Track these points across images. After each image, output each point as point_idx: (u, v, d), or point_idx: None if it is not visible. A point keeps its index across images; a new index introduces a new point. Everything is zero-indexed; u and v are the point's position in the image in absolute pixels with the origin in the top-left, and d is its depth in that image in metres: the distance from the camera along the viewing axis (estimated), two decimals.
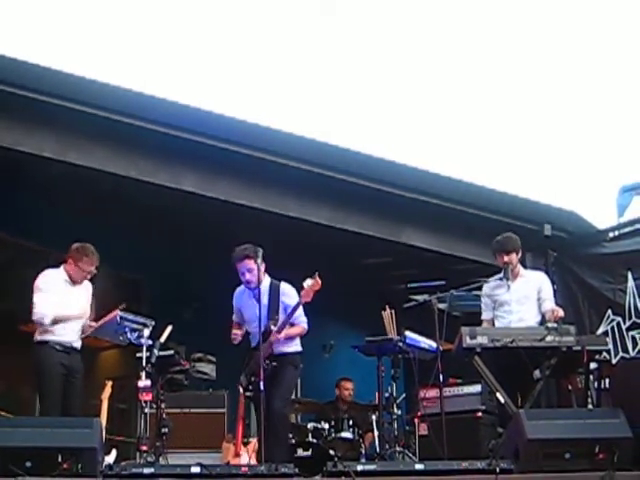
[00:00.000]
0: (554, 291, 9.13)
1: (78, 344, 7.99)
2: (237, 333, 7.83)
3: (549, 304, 8.33)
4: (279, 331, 7.56)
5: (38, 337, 7.82)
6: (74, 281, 8.06)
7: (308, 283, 7.51)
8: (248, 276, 7.63)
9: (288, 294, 7.79)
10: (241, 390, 7.85)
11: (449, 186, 10.55)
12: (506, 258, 8.40)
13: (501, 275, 8.48)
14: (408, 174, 10.27)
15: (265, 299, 7.64)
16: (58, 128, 8.62)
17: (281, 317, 7.67)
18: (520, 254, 8.60)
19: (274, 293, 7.74)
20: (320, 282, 7.51)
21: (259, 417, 7.48)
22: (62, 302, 7.88)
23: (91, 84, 8.49)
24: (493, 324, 8.49)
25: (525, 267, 8.94)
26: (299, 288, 7.61)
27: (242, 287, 7.91)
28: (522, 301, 8.40)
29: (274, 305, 7.69)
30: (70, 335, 7.90)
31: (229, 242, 8.02)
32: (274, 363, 7.52)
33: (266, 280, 7.75)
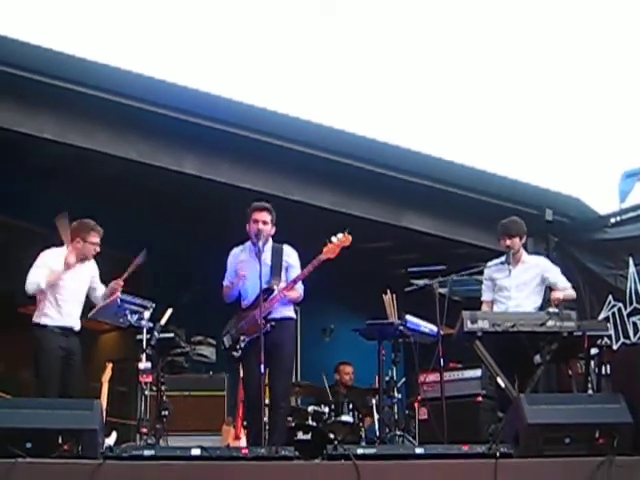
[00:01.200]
0: None
1: (77, 327, 7.95)
2: (234, 286, 7.72)
3: (559, 293, 8.30)
4: (287, 288, 7.53)
5: (36, 320, 7.77)
6: (82, 259, 7.96)
7: (338, 237, 7.49)
8: (262, 226, 7.57)
9: (291, 254, 7.78)
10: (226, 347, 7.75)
11: (451, 170, 10.55)
12: (508, 242, 8.39)
13: (503, 259, 8.47)
14: (410, 158, 10.27)
15: (268, 259, 7.61)
16: (58, 109, 8.61)
17: (283, 277, 7.63)
18: (524, 239, 8.60)
19: (277, 254, 7.70)
20: (350, 239, 7.50)
21: (251, 393, 7.45)
22: (61, 284, 7.81)
23: (92, 65, 8.47)
24: (492, 306, 8.50)
25: (528, 252, 8.93)
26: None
27: (240, 247, 7.87)
28: (521, 288, 8.41)
29: (277, 265, 7.65)
30: (69, 318, 7.85)
31: (230, 225, 8.02)
32: (272, 323, 7.47)
33: (269, 242, 7.72)
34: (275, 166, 9.71)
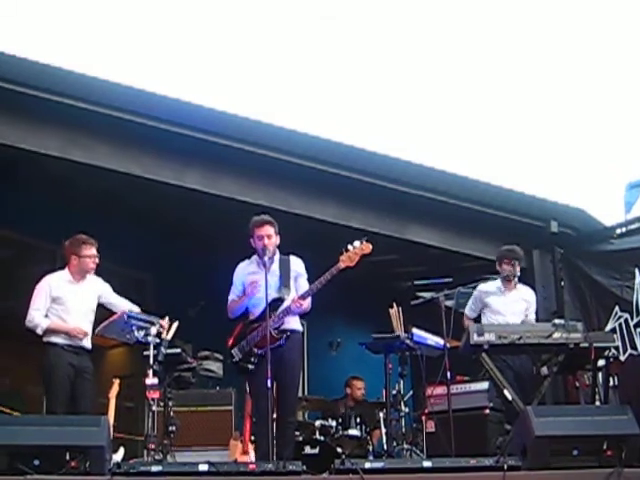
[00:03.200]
0: (561, 287, 9.17)
1: (88, 344, 8.00)
2: (243, 299, 7.67)
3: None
4: (303, 297, 7.51)
5: (45, 339, 7.83)
6: (83, 275, 8.04)
7: (355, 245, 7.46)
8: (267, 241, 7.54)
9: (298, 264, 7.76)
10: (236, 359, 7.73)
11: (455, 183, 10.55)
12: (512, 268, 8.50)
13: (499, 285, 8.57)
14: (413, 171, 10.28)
15: (277, 270, 7.58)
16: (62, 126, 8.64)
17: (292, 287, 7.60)
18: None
19: (285, 265, 7.68)
20: (370, 247, 7.49)
21: (260, 406, 7.43)
22: (65, 303, 7.91)
23: (93, 81, 8.51)
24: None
25: (532, 266, 8.99)
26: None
27: (247, 261, 7.84)
28: (515, 313, 8.52)
29: (286, 276, 7.61)
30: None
31: (234, 239, 8.02)
32: (287, 334, 7.41)
33: (277, 253, 7.68)
34: (278, 180, 9.72)
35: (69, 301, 7.92)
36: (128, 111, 8.74)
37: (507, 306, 8.58)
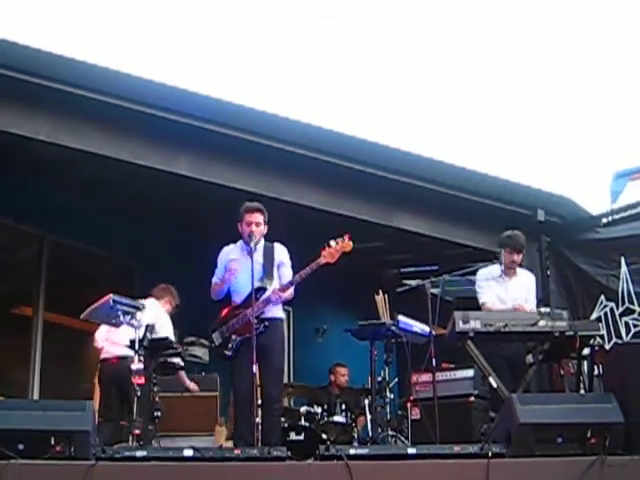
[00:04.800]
0: (547, 275, 9.18)
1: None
2: (225, 283, 7.74)
3: (528, 307, 8.46)
4: (283, 289, 7.53)
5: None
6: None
7: (337, 242, 7.45)
8: (254, 228, 7.57)
9: (282, 252, 7.78)
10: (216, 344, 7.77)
11: (442, 171, 10.55)
12: (516, 257, 8.49)
13: (500, 272, 8.55)
14: (401, 158, 10.27)
15: (260, 258, 7.60)
16: (52, 111, 8.61)
17: (275, 276, 7.63)
18: None
19: (269, 252, 7.70)
20: (351, 245, 7.49)
21: (242, 392, 7.43)
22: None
23: (83, 66, 8.47)
24: None
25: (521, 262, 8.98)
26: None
27: (232, 245, 7.87)
28: (517, 299, 8.50)
29: (269, 264, 7.64)
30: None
31: (222, 225, 8.02)
32: (266, 323, 7.46)
33: (261, 241, 7.71)
34: (267, 166, 9.70)
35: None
36: (118, 96, 8.70)
37: (508, 294, 8.56)
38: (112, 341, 8.57)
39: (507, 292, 8.57)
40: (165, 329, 8.57)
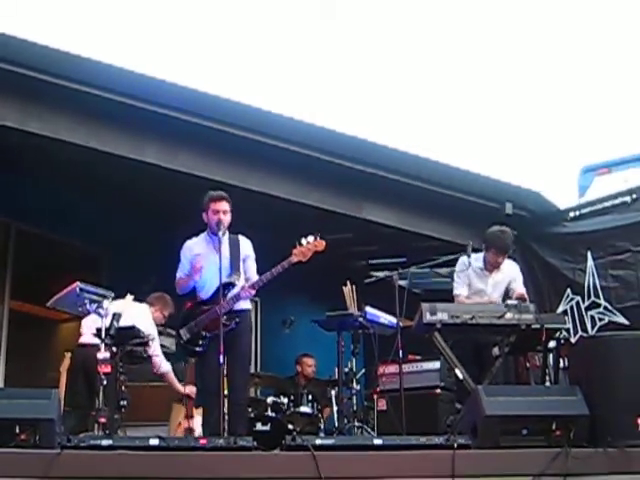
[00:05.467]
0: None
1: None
2: (191, 278, 7.71)
3: (519, 291, 8.49)
4: (253, 286, 7.52)
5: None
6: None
7: (308, 240, 7.46)
8: (222, 216, 7.55)
9: (247, 245, 7.80)
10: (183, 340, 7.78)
11: (411, 162, 10.57)
12: (501, 259, 8.52)
13: (481, 265, 8.58)
14: (368, 149, 10.27)
15: (227, 251, 7.58)
16: (19, 97, 8.53)
17: (242, 270, 7.61)
18: None
19: (234, 245, 7.69)
20: (324, 244, 7.50)
21: (209, 383, 7.41)
22: None
23: (52, 53, 8.39)
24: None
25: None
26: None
27: (194, 239, 7.86)
28: (496, 288, 8.55)
29: (236, 258, 7.64)
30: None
31: (188, 215, 8.00)
32: (237, 320, 7.45)
33: (226, 233, 7.68)
34: (234, 156, 9.68)
35: None
36: (87, 84, 8.63)
37: (487, 287, 8.61)
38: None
39: (486, 285, 8.62)
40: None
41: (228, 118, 9.35)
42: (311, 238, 7.46)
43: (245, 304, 7.68)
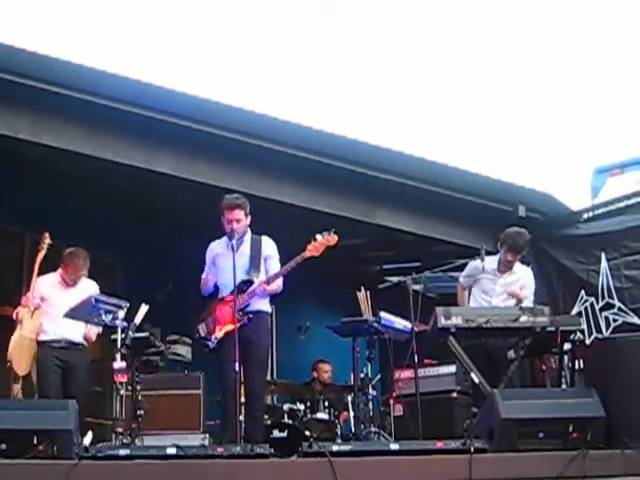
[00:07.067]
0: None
1: (77, 339, 8.37)
2: (209, 279, 7.80)
3: (516, 292, 8.53)
4: (268, 282, 7.54)
5: (38, 338, 8.24)
6: (67, 283, 8.47)
7: (323, 235, 7.50)
8: (235, 225, 7.56)
9: (269, 245, 7.81)
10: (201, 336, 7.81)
11: (423, 167, 10.58)
12: (510, 257, 8.54)
13: (495, 266, 8.58)
14: (381, 155, 10.29)
15: (247, 250, 7.64)
16: (33, 110, 8.58)
17: (262, 269, 7.65)
18: None
19: (256, 245, 7.71)
20: (336, 238, 7.53)
21: (225, 385, 7.44)
22: (53, 304, 8.30)
23: (65, 65, 8.44)
24: (469, 293, 8.63)
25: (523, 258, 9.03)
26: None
27: (217, 241, 7.90)
28: (503, 297, 8.54)
29: (256, 256, 7.65)
30: (64, 331, 8.25)
31: (203, 223, 8.02)
32: (250, 316, 7.46)
33: (248, 233, 7.74)
34: (248, 164, 9.71)
35: (58, 301, 8.30)
36: (100, 95, 8.68)
37: (496, 287, 8.61)
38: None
39: (495, 286, 8.61)
40: None
41: (241, 127, 9.39)
42: (325, 233, 7.52)
43: (263, 305, 7.69)
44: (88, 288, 8.43)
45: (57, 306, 8.19)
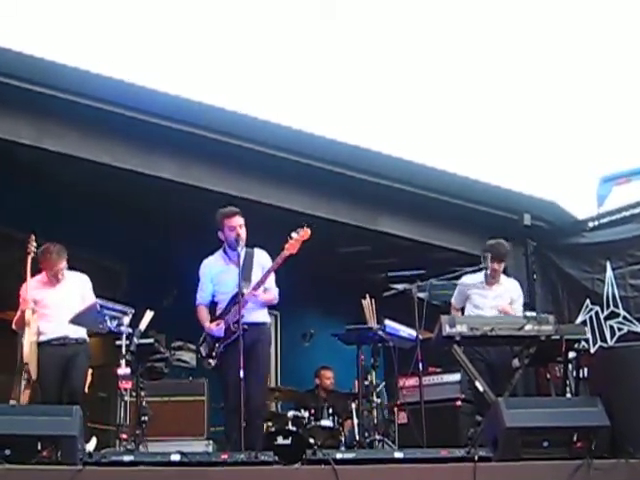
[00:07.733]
0: (533, 280, 9.23)
1: (73, 334, 8.31)
2: (219, 324, 7.68)
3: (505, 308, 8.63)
4: (255, 288, 7.53)
5: (38, 340, 8.26)
6: (52, 281, 8.46)
7: (297, 232, 7.49)
8: (240, 231, 7.58)
9: (264, 257, 7.79)
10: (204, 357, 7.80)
11: (428, 175, 10.59)
12: (496, 266, 8.53)
13: (482, 279, 8.60)
14: (383, 162, 10.29)
15: (240, 261, 7.59)
16: (34, 114, 8.58)
17: (253, 280, 7.61)
18: None
19: (248, 258, 7.70)
20: (309, 232, 7.51)
21: (230, 400, 7.42)
22: (46, 304, 8.33)
23: (64, 69, 8.45)
24: (462, 313, 8.65)
25: (506, 270, 9.03)
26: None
27: (211, 258, 7.89)
28: (495, 307, 8.57)
29: (248, 269, 7.63)
30: (60, 328, 8.20)
31: (206, 229, 8.01)
32: (245, 327, 7.43)
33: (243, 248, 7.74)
34: (249, 169, 9.70)
35: (47, 299, 8.37)
36: (100, 99, 8.68)
37: (487, 300, 8.64)
38: None
39: (486, 299, 8.65)
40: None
41: (242, 132, 9.38)
42: (300, 230, 7.50)
43: (262, 316, 7.68)
44: (78, 280, 8.50)
45: (50, 306, 8.28)
